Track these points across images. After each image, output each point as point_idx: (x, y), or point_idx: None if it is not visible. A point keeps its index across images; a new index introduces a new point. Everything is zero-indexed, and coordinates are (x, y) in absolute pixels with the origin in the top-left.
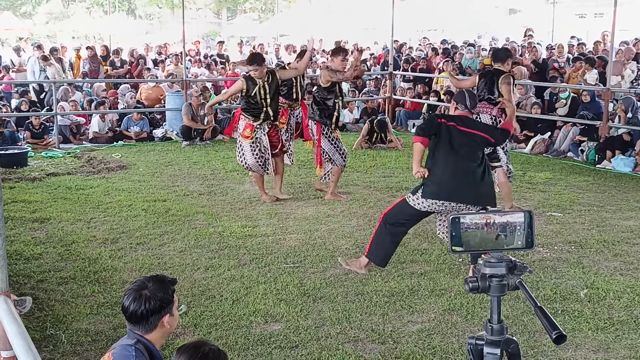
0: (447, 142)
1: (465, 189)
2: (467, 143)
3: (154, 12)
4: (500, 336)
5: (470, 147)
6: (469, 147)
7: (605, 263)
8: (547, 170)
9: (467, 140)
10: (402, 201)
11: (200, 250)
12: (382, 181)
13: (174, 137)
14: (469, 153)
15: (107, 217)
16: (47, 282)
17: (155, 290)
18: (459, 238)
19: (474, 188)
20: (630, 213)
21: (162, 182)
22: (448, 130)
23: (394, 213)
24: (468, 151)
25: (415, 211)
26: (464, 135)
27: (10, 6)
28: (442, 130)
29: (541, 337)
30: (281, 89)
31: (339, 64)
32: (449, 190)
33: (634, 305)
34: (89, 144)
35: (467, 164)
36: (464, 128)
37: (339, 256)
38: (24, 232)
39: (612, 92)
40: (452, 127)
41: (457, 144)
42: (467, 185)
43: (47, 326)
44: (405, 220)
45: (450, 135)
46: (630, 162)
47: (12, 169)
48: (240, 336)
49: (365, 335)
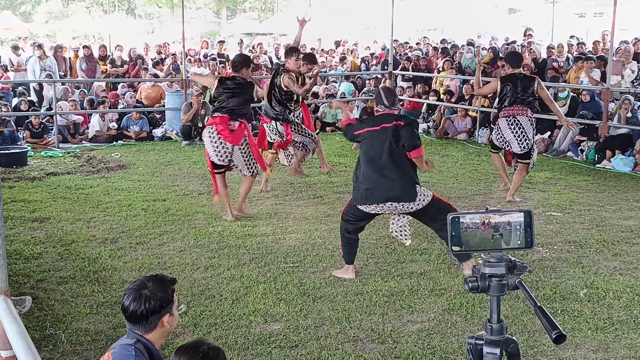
0: (363, 146)
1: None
2: (376, 139)
3: (153, 11)
4: (500, 336)
5: (379, 142)
6: (377, 143)
7: (604, 263)
8: (546, 170)
9: (376, 136)
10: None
11: (200, 250)
12: None
13: (173, 136)
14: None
15: (107, 217)
16: (46, 281)
17: (155, 289)
18: (459, 238)
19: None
20: (629, 213)
21: (161, 182)
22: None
23: (347, 210)
24: (377, 148)
25: (359, 212)
26: (375, 133)
27: (10, 5)
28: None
29: (541, 337)
30: None
31: (293, 64)
32: (373, 193)
33: (634, 305)
34: (88, 143)
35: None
36: (377, 127)
37: (340, 257)
38: (23, 231)
39: (611, 91)
40: (365, 133)
41: (367, 145)
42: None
43: (47, 326)
44: (354, 218)
45: (364, 139)
46: (630, 161)
47: (12, 169)
48: (240, 336)
49: (364, 335)
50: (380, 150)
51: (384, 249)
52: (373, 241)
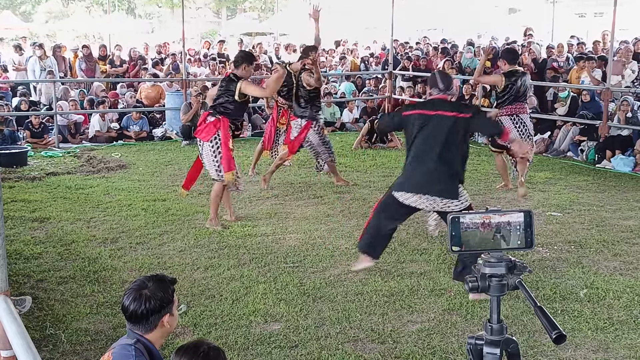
0: (413, 131)
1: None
2: (432, 125)
3: (153, 11)
4: (500, 336)
5: (434, 129)
6: (431, 129)
7: (604, 263)
8: (546, 170)
9: (432, 122)
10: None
11: (200, 250)
12: (382, 181)
13: (173, 136)
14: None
15: (107, 217)
16: (46, 281)
17: (155, 289)
18: (459, 238)
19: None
20: (629, 213)
21: (161, 182)
22: (418, 119)
23: (382, 204)
24: (435, 136)
25: (395, 202)
26: (431, 120)
27: (10, 5)
28: (407, 122)
29: (541, 337)
30: (281, 88)
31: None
32: (413, 182)
33: (634, 305)
34: (88, 143)
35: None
36: (431, 112)
37: (340, 257)
38: (23, 231)
39: (611, 91)
40: (416, 115)
41: (417, 130)
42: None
43: (47, 326)
44: (392, 213)
45: (414, 124)
46: (630, 161)
47: (12, 168)
48: (240, 336)
49: (364, 335)
50: (433, 138)
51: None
52: None
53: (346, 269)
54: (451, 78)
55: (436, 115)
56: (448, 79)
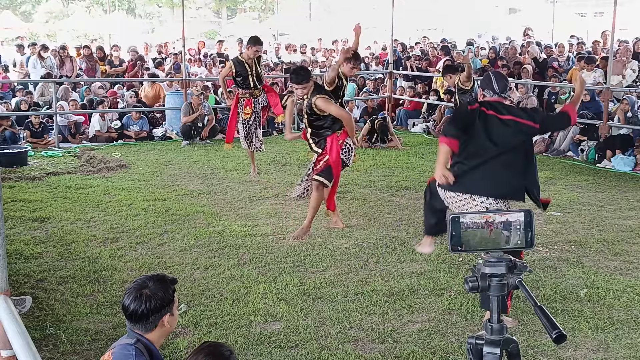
0: (482, 131)
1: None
2: (506, 133)
3: (153, 11)
4: (500, 336)
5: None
6: (508, 137)
7: (605, 262)
8: (547, 170)
9: (506, 129)
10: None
11: (200, 250)
12: (382, 180)
13: (173, 136)
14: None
15: (107, 217)
16: (46, 281)
17: (156, 289)
18: (459, 237)
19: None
20: (630, 212)
21: (162, 182)
22: (485, 118)
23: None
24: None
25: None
26: (502, 124)
27: (10, 5)
28: (477, 117)
29: (541, 337)
30: (236, 79)
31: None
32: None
33: (634, 305)
34: (88, 143)
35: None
36: (502, 116)
37: (340, 257)
38: (23, 231)
39: (611, 91)
40: (489, 115)
41: (495, 135)
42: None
43: (47, 325)
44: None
45: (487, 124)
46: (630, 161)
47: (12, 168)
48: (240, 335)
49: (365, 335)
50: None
51: (384, 249)
52: (373, 241)
53: (346, 269)
54: (507, 80)
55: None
56: (504, 80)
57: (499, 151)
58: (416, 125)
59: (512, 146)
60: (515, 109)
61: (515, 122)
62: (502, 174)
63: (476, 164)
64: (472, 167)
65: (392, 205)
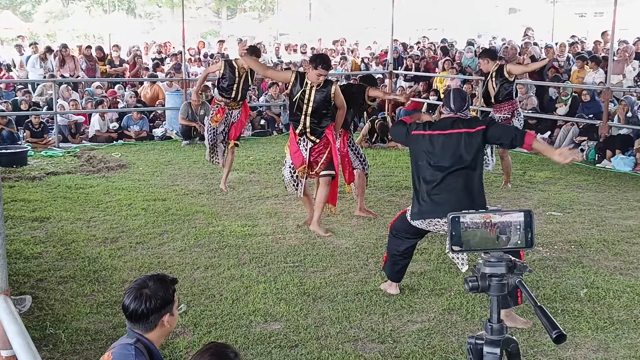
0: (425, 153)
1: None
2: (452, 146)
3: (153, 11)
4: (500, 335)
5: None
6: (454, 150)
7: (605, 262)
8: (547, 170)
9: (450, 143)
10: (402, 213)
11: (200, 250)
12: (382, 180)
13: (173, 136)
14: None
15: (107, 216)
16: (46, 281)
17: (156, 289)
18: (459, 237)
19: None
20: (630, 212)
21: (161, 181)
22: (425, 141)
23: (397, 225)
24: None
25: (411, 227)
26: (446, 138)
27: (10, 5)
28: (413, 141)
29: (541, 337)
30: (220, 82)
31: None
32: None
33: (634, 305)
34: (88, 143)
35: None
36: (445, 131)
37: (340, 257)
38: (23, 231)
39: (611, 91)
40: (430, 135)
41: (438, 151)
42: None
43: (47, 325)
44: (405, 234)
45: (429, 144)
46: (630, 161)
47: (12, 168)
48: (240, 335)
49: (364, 335)
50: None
51: (384, 249)
52: (373, 241)
53: (346, 268)
54: (467, 99)
55: (449, 134)
56: (462, 99)
57: (445, 173)
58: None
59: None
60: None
61: (457, 134)
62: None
63: (429, 189)
64: (427, 193)
65: (392, 205)
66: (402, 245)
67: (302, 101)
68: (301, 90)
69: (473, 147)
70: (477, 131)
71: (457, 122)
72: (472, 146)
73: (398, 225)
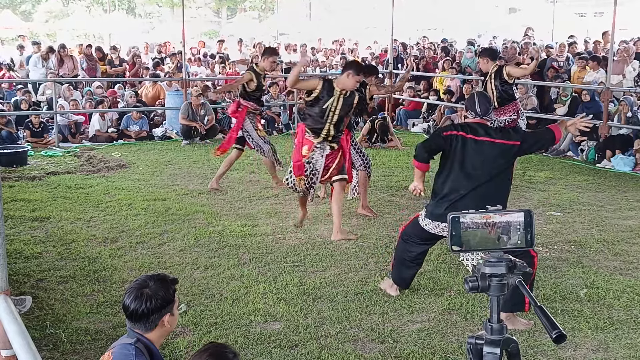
0: (458, 155)
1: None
2: (483, 157)
3: (153, 10)
4: (500, 335)
5: (489, 159)
6: (486, 159)
7: (605, 262)
8: (546, 170)
9: (482, 152)
10: (414, 218)
11: (200, 250)
12: (382, 180)
13: (173, 136)
14: (486, 167)
15: (107, 216)
16: (46, 281)
17: (156, 289)
18: (459, 237)
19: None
20: (630, 212)
21: (161, 181)
22: (464, 144)
23: (409, 230)
24: (485, 165)
25: (424, 232)
26: (478, 146)
27: (10, 4)
28: (451, 143)
29: (541, 337)
30: (255, 92)
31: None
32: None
33: (634, 305)
34: (88, 142)
35: (484, 181)
36: (478, 137)
37: (340, 257)
38: (23, 231)
39: (611, 91)
40: (468, 139)
41: (471, 162)
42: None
43: (47, 325)
44: (417, 241)
45: (465, 151)
46: (630, 161)
47: (12, 168)
48: (240, 335)
49: (364, 335)
50: (476, 167)
51: (384, 249)
52: (373, 241)
53: (346, 268)
54: (492, 102)
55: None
56: (488, 102)
57: (475, 184)
58: (416, 125)
59: (489, 175)
60: (492, 130)
61: (491, 144)
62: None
63: (456, 197)
64: (453, 201)
65: (392, 205)
66: (413, 251)
67: (331, 110)
68: (331, 99)
69: (506, 160)
70: (513, 145)
71: (489, 129)
72: (506, 158)
73: (409, 230)
